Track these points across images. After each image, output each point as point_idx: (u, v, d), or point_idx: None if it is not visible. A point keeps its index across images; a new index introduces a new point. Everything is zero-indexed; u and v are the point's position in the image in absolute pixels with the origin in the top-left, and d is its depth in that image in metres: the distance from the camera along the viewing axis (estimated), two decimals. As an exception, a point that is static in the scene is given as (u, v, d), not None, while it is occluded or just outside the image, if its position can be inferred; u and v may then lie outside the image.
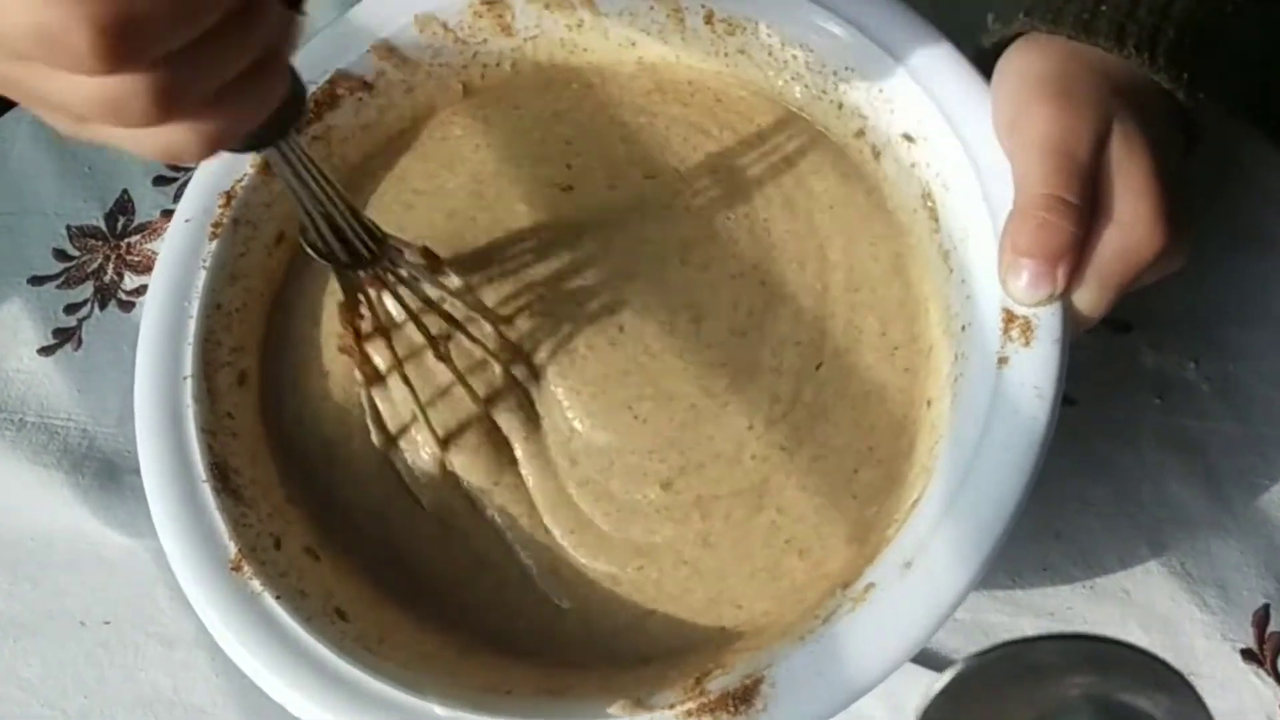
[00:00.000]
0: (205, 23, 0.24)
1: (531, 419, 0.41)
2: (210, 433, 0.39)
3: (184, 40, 0.24)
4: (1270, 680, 0.42)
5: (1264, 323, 0.47)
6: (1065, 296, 0.36)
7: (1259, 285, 0.47)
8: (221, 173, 0.43)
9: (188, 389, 0.40)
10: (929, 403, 0.39)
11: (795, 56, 0.43)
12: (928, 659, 0.43)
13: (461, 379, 0.40)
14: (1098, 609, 0.44)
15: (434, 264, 0.41)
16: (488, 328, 0.41)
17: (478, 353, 0.41)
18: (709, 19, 0.43)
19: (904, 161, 0.41)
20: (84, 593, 0.48)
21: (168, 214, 0.54)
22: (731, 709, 0.33)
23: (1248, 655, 0.43)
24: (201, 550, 0.37)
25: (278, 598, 0.36)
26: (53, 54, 0.23)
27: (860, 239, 0.42)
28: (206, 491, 0.38)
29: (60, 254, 0.54)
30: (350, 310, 0.39)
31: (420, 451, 0.41)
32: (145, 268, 0.54)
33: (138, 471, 0.48)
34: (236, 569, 0.37)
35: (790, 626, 0.36)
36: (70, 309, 0.53)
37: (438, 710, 0.34)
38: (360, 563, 0.41)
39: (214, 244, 0.42)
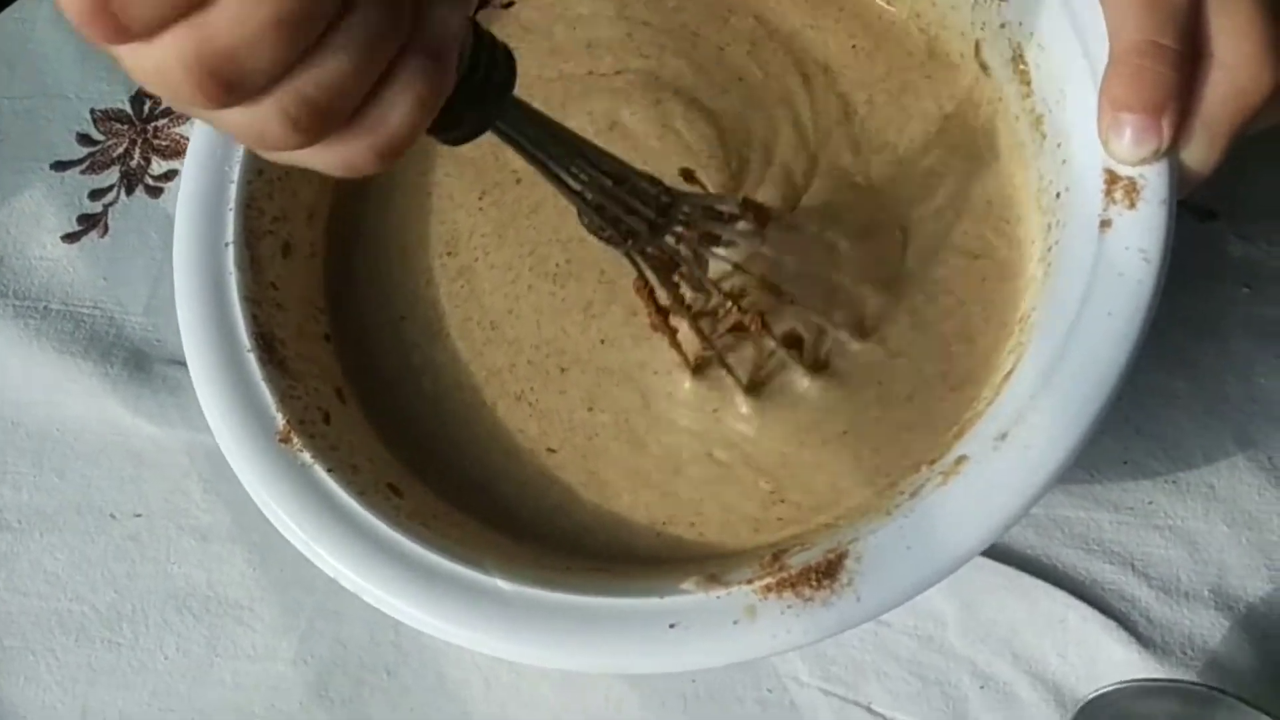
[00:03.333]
0: (304, 37, 0.22)
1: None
2: (255, 301, 0.37)
3: (288, 61, 0.22)
4: (1361, 578, 0.40)
5: (1358, 210, 0.44)
6: (1172, 151, 0.33)
7: (1354, 171, 0.45)
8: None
9: (229, 256, 0.37)
10: (1023, 276, 0.37)
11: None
12: (1001, 553, 0.41)
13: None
14: (1181, 504, 0.42)
15: (760, 217, 0.36)
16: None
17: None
18: None
19: (994, 22, 0.38)
20: (113, 485, 0.46)
21: (196, 97, 0.52)
22: (815, 583, 0.31)
23: (1337, 552, 0.41)
24: (247, 421, 0.35)
25: (329, 470, 0.34)
26: (174, 97, 0.22)
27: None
28: (251, 361, 0.36)
29: (84, 138, 0.52)
30: (645, 287, 0.36)
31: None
32: (173, 152, 0.51)
33: (168, 361, 0.47)
34: (285, 440, 0.35)
35: (874, 503, 0.34)
36: (95, 195, 0.51)
37: (501, 584, 0.32)
38: (411, 451, 0.39)
39: (255, 105, 0.39)
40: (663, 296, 0.36)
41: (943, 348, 0.38)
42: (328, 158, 0.25)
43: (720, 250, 0.36)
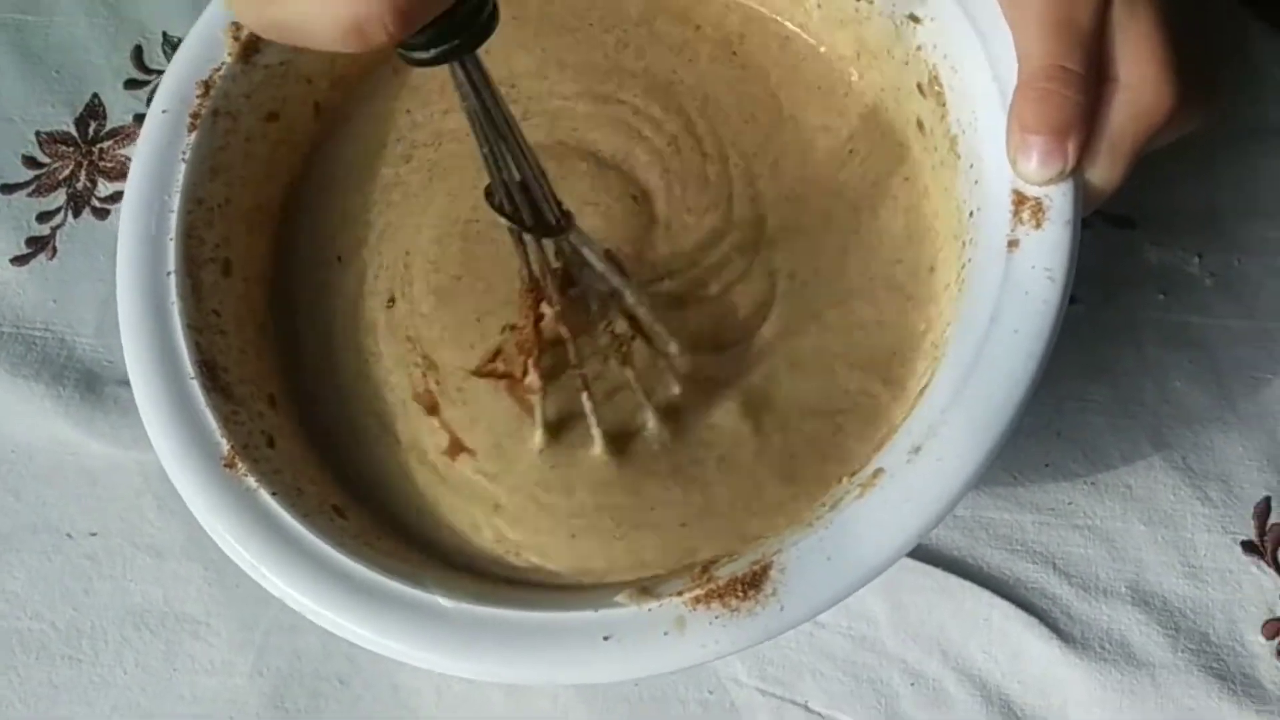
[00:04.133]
0: None
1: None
2: (197, 329, 0.38)
3: None
4: (1271, 572, 0.42)
5: (1269, 216, 0.46)
6: (1077, 172, 0.35)
7: (1264, 179, 0.47)
8: (199, 61, 0.41)
9: (172, 285, 0.38)
10: (934, 292, 0.38)
11: (797, -61, 0.41)
12: (931, 556, 0.43)
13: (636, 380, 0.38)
14: (1100, 505, 0.44)
15: (618, 267, 0.38)
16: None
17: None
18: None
19: (910, 45, 0.40)
20: (68, 504, 0.47)
21: (140, 119, 0.52)
22: (740, 594, 0.33)
23: (1249, 548, 0.43)
24: (193, 448, 0.36)
25: (274, 494, 0.35)
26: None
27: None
28: (195, 389, 0.37)
29: (30, 161, 0.52)
30: (534, 290, 0.37)
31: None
32: (119, 174, 0.52)
33: (119, 382, 0.48)
34: (230, 465, 0.36)
35: (796, 515, 0.35)
36: (43, 217, 0.51)
37: (442, 601, 0.34)
38: (351, 472, 0.40)
39: (193, 136, 0.40)
40: (550, 293, 0.37)
41: (866, 360, 0.39)
42: (341, 11, 0.24)
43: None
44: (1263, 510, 0.43)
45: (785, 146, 0.43)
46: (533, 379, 0.38)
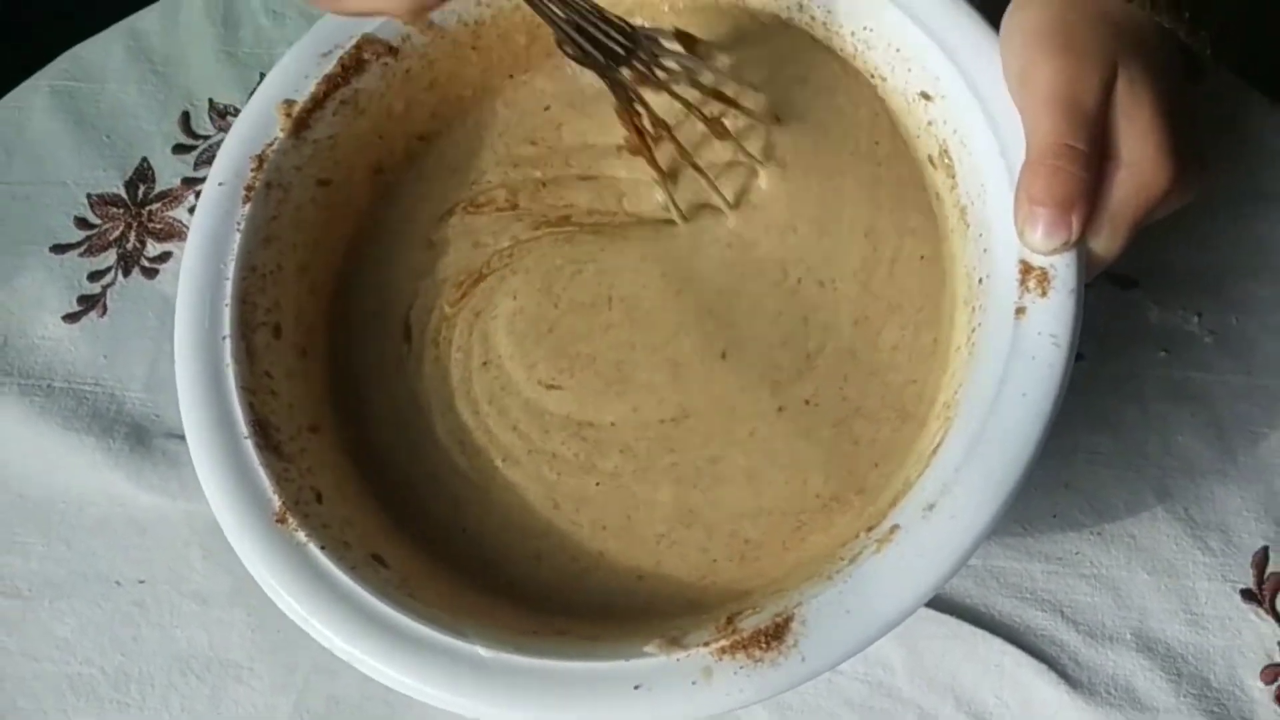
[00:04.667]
0: None
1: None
2: (250, 391, 0.40)
3: None
4: (1269, 619, 0.44)
5: (1265, 277, 0.48)
6: (1080, 243, 0.37)
7: (1261, 241, 0.49)
8: (252, 137, 0.44)
9: (226, 349, 0.41)
10: (949, 354, 0.40)
11: (814, 17, 0.44)
12: (945, 604, 0.45)
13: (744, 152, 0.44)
14: (1105, 554, 0.45)
15: (689, 43, 0.44)
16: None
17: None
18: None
19: (921, 120, 0.42)
20: (117, 553, 0.49)
21: (188, 182, 0.55)
22: (764, 645, 0.35)
23: (1247, 595, 0.45)
24: (247, 504, 0.38)
25: (322, 548, 0.38)
26: None
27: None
28: (249, 448, 0.39)
29: (82, 222, 0.55)
30: (627, 112, 0.42)
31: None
32: (167, 235, 0.54)
33: (167, 435, 0.50)
34: (281, 521, 0.38)
35: (818, 568, 0.37)
36: (94, 276, 0.54)
37: (481, 652, 0.36)
38: (394, 517, 0.42)
39: (247, 207, 0.43)
40: (645, 118, 0.42)
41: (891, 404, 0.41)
42: None
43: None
44: (1261, 559, 0.45)
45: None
46: (654, 175, 0.44)
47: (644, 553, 0.41)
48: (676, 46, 0.44)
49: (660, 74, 0.41)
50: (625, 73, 0.41)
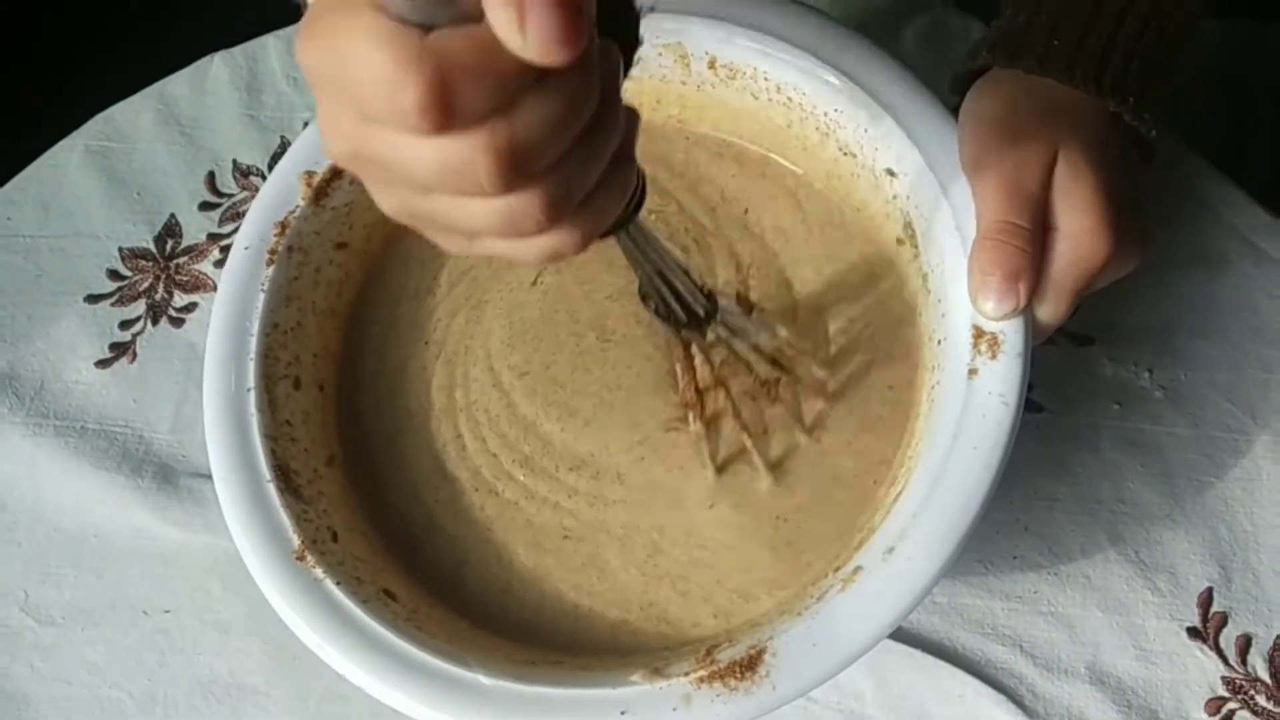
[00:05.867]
0: (575, 131, 0.26)
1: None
2: (272, 438, 0.44)
3: (560, 152, 0.26)
4: (1213, 655, 0.48)
5: (1213, 335, 0.52)
6: (1027, 310, 0.41)
7: (1209, 301, 0.53)
8: (276, 204, 0.48)
9: (251, 400, 0.44)
10: (911, 411, 0.44)
11: (790, 100, 0.48)
12: (912, 638, 0.48)
13: (795, 416, 0.46)
14: (1062, 593, 0.49)
15: (746, 305, 0.47)
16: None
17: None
18: (711, 64, 0.49)
19: (887, 194, 0.46)
20: (145, 584, 0.53)
21: (213, 237, 0.59)
22: (739, 675, 0.38)
23: (1193, 633, 0.48)
24: (269, 543, 0.42)
25: (338, 584, 0.41)
26: (458, 184, 0.25)
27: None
28: (271, 491, 0.43)
29: (113, 274, 0.59)
30: (689, 366, 0.44)
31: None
32: (193, 287, 0.58)
33: (193, 474, 0.54)
34: (300, 558, 0.42)
35: (789, 605, 0.41)
36: (125, 325, 0.58)
37: (482, 679, 0.39)
38: (402, 555, 0.46)
39: (271, 269, 0.47)
40: (704, 376, 0.44)
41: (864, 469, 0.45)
42: (542, 246, 0.28)
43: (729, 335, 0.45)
44: (1205, 599, 0.48)
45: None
46: (698, 427, 0.45)
47: (634, 597, 0.44)
48: (738, 310, 0.46)
49: (727, 334, 0.44)
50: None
